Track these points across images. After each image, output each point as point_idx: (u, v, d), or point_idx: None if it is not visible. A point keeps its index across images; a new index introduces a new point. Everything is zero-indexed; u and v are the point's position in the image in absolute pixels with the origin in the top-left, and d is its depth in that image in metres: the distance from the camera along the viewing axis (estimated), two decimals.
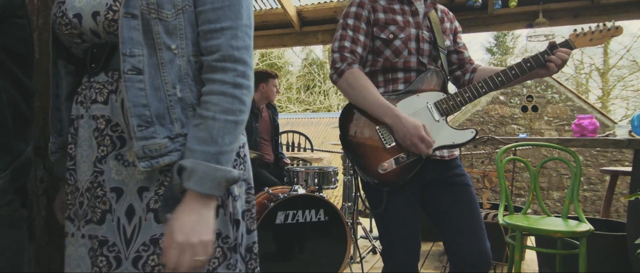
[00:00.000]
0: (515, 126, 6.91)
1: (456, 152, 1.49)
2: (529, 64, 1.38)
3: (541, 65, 1.38)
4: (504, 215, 2.26)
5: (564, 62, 1.37)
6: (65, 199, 0.94)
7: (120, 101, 0.84)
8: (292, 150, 4.44)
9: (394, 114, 1.31)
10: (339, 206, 3.01)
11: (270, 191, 2.59)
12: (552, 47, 1.38)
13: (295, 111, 17.39)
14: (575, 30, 1.41)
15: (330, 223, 2.45)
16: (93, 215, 0.84)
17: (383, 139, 1.35)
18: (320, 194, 2.55)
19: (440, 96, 1.40)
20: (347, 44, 1.39)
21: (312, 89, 18.60)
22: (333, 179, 2.93)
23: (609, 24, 1.39)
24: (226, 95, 0.82)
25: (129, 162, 0.84)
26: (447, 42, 1.52)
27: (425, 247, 3.47)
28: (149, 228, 0.82)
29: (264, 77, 3.39)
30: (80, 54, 0.92)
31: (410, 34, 1.41)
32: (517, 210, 2.76)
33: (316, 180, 2.83)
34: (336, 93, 17.50)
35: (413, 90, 1.40)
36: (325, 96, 18.18)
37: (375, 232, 3.79)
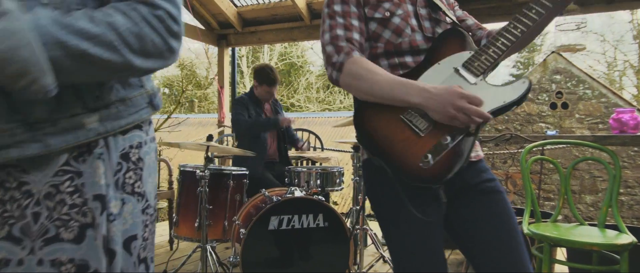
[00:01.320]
0: (543, 125, 6.47)
1: (481, 153, 1.22)
2: None
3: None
4: (529, 223, 1.98)
5: None
6: None
7: None
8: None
9: (419, 89, 1.04)
10: (347, 209, 2.77)
11: (267, 193, 2.38)
12: None
13: (314, 110, 17.22)
14: None
15: (330, 229, 2.20)
16: None
17: (414, 127, 1.06)
18: (320, 197, 2.31)
19: (465, 55, 1.11)
20: (339, 32, 1.15)
21: (332, 88, 18.38)
22: (338, 180, 2.69)
23: None
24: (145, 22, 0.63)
25: None
26: (448, 19, 1.27)
27: None
28: None
29: (260, 77, 3.15)
30: None
31: (408, 10, 1.18)
32: (545, 216, 2.46)
33: (319, 181, 2.60)
34: None
35: (430, 60, 1.13)
36: (345, 96, 17.92)
37: None
